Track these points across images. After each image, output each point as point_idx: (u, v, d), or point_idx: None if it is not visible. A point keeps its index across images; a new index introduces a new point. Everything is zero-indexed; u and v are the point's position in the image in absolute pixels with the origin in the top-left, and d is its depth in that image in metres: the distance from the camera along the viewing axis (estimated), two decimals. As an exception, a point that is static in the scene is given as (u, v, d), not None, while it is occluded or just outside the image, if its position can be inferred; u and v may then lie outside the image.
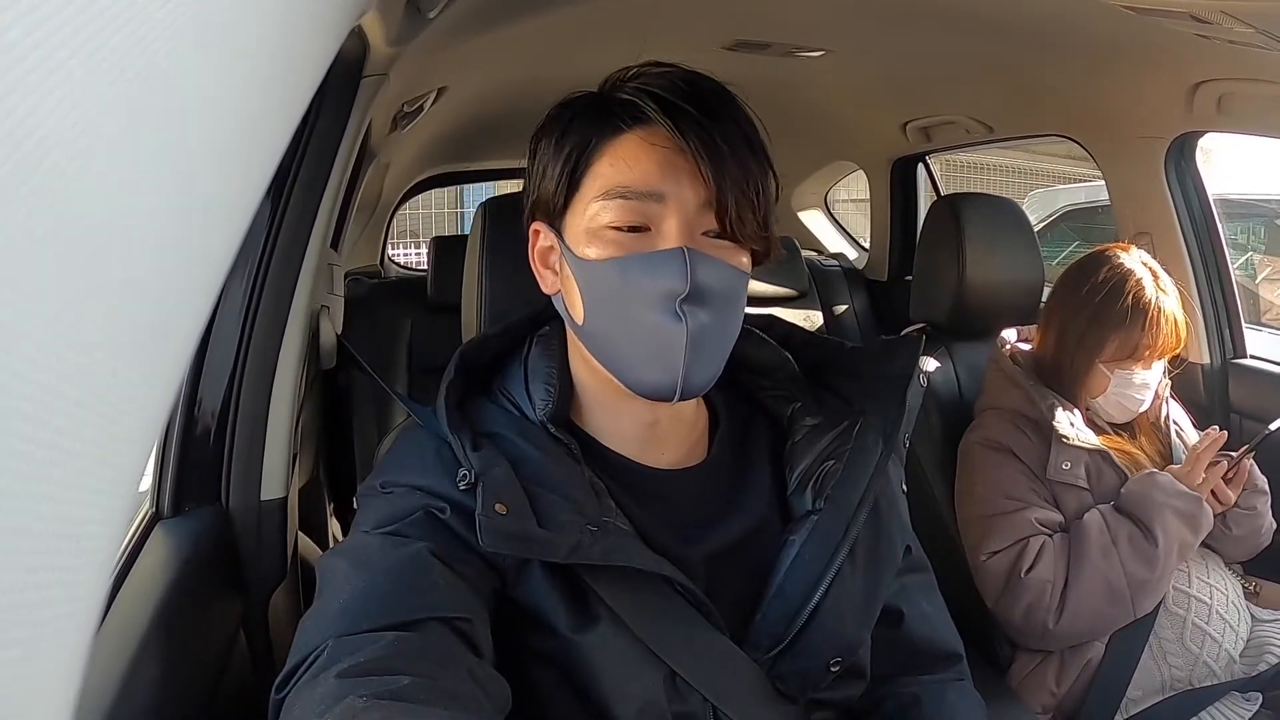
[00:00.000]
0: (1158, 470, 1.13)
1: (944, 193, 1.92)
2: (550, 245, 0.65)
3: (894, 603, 0.73)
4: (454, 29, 1.06)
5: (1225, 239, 1.44)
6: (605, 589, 0.60)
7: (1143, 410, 1.18)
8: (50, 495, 0.16)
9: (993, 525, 1.14)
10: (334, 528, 1.45)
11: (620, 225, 0.60)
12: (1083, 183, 4.17)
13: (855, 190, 2.72)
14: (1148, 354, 1.12)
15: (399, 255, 3.72)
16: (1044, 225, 3.86)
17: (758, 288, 1.72)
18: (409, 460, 0.65)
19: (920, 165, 2.08)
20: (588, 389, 0.67)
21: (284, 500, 0.88)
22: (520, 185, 0.69)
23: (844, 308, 2.01)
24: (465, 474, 0.60)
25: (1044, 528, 1.12)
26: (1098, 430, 1.18)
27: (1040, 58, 1.28)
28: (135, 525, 0.80)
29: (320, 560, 0.62)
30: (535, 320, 0.71)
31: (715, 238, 0.61)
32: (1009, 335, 1.29)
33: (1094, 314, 1.14)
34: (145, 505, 0.83)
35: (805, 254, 2.06)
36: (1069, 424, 1.15)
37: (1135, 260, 1.15)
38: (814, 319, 1.92)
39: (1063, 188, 4.56)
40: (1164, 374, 1.18)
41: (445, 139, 2.15)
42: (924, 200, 2.14)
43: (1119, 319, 1.11)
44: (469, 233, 0.88)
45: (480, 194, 3.95)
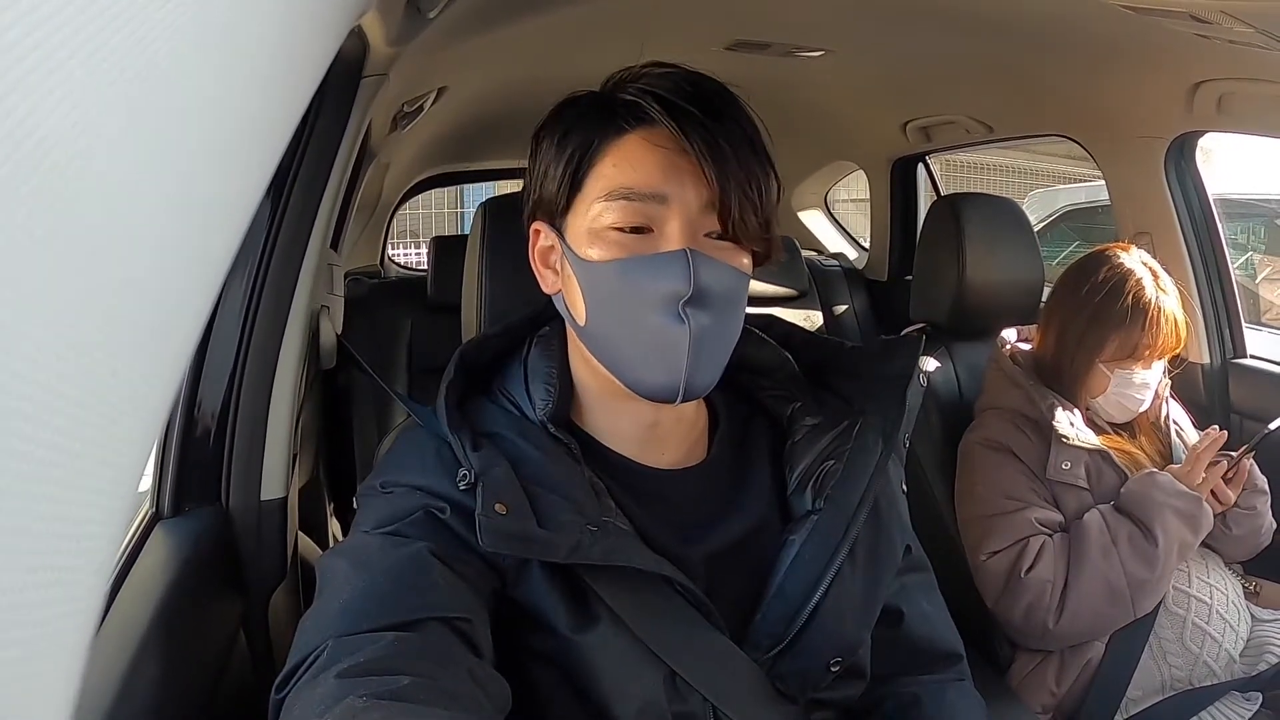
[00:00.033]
0: (1158, 470, 1.13)
1: (944, 193, 1.92)
2: (551, 245, 0.65)
3: (894, 602, 0.73)
4: (454, 29, 1.06)
5: (1225, 239, 1.44)
6: (605, 589, 0.60)
7: (1143, 410, 1.18)
8: (50, 495, 0.16)
9: (993, 525, 1.14)
10: (334, 528, 1.45)
11: (623, 226, 0.60)
12: (1083, 183, 4.16)
13: (855, 190, 2.72)
14: (1148, 354, 1.12)
15: (399, 255, 3.72)
16: (1044, 225, 3.86)
17: (758, 288, 1.71)
18: (409, 460, 0.65)
19: (920, 165, 2.08)
20: (588, 389, 0.67)
21: (284, 500, 0.88)
22: (520, 185, 0.69)
23: (844, 308, 2.01)
24: (465, 474, 0.60)
25: (1044, 528, 1.12)
26: (1098, 430, 1.18)
27: (1040, 58, 1.28)
28: (135, 525, 0.80)
29: (320, 560, 0.62)
30: (535, 320, 0.71)
31: (717, 239, 0.61)
32: (1009, 335, 1.29)
33: (1094, 314, 1.14)
34: (145, 505, 0.83)
35: (805, 254, 2.06)
36: (1069, 424, 1.14)
37: (1135, 260, 1.15)
38: (814, 319, 1.92)
39: (1063, 188, 4.56)
40: (1164, 374, 1.18)
41: (445, 139, 2.15)
42: (924, 200, 2.14)
43: (1119, 319, 1.11)
44: (469, 233, 0.88)
45: (480, 194, 3.95)
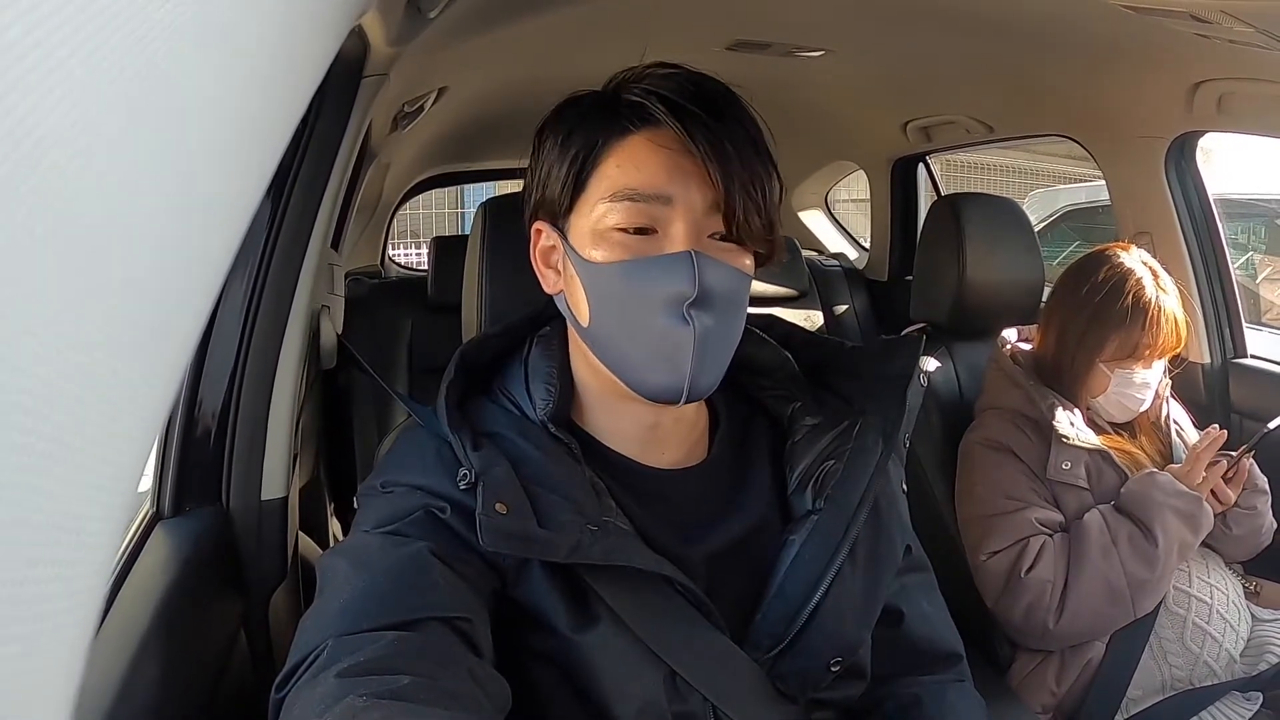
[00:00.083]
0: (1158, 470, 1.13)
1: (944, 193, 1.92)
2: (553, 245, 0.65)
3: (894, 603, 0.73)
4: (454, 29, 1.06)
5: (1225, 239, 1.44)
6: (605, 589, 0.60)
7: (1143, 410, 1.18)
8: (50, 489, 0.16)
9: (993, 525, 1.13)
10: (334, 528, 1.45)
11: (627, 227, 0.60)
12: (1083, 183, 4.16)
13: (855, 190, 2.72)
14: (1148, 353, 1.12)
15: (399, 255, 3.73)
16: (1044, 225, 3.86)
17: (758, 288, 1.70)
18: (409, 460, 0.65)
19: (920, 165, 2.08)
20: (589, 389, 0.67)
21: (284, 500, 0.88)
22: (520, 185, 0.69)
23: (844, 308, 2.01)
24: (465, 474, 0.60)
25: (1044, 528, 1.12)
26: (1098, 430, 1.18)
27: (1040, 58, 1.28)
28: (136, 525, 0.80)
29: (320, 560, 0.62)
30: (535, 320, 0.71)
31: (720, 240, 0.61)
32: (1009, 335, 1.29)
33: (1094, 313, 1.14)
34: (146, 505, 0.83)
35: (805, 254, 2.06)
36: (1069, 424, 1.14)
37: (1135, 260, 1.15)
38: (814, 319, 1.92)
39: (1063, 188, 4.56)
40: (1164, 373, 1.18)
41: (445, 139, 2.15)
42: (924, 200, 2.14)
43: (1119, 318, 1.11)
44: (469, 233, 0.88)
45: (480, 194, 3.95)
